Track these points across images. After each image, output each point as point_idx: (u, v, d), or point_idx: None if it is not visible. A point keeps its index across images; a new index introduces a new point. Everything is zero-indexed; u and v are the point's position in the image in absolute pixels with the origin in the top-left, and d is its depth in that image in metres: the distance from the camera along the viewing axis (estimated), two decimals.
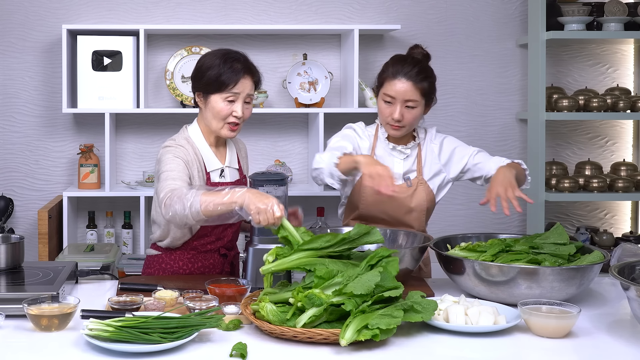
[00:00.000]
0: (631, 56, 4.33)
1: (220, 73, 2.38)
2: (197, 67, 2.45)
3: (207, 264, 2.54)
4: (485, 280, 2.09)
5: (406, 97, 2.51)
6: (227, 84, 2.39)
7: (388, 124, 2.56)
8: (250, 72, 2.43)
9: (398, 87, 2.52)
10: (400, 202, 2.60)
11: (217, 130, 2.45)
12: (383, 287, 1.88)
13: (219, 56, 2.42)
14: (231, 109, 2.41)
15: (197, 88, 2.45)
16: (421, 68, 2.55)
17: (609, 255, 2.20)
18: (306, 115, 4.20)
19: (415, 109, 2.54)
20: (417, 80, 2.52)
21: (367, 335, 1.73)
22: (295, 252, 1.96)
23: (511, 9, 4.26)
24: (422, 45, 2.66)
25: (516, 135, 4.31)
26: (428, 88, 2.55)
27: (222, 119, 2.42)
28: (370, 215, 2.65)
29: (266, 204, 2.06)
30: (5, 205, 3.93)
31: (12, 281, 2.15)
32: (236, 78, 2.39)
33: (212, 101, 2.41)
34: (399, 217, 2.63)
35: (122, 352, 1.74)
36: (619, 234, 4.28)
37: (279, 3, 4.17)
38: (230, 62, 2.40)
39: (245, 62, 2.44)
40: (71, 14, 4.08)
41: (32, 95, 4.09)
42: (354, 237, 2.00)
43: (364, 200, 2.63)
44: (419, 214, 2.63)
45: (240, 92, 2.41)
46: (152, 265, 2.56)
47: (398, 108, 2.52)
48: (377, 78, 2.62)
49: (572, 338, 1.87)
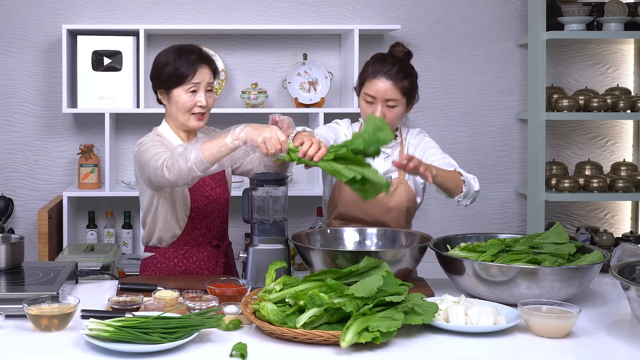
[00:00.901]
0: (631, 56, 4.33)
1: (177, 67, 2.44)
2: (155, 66, 2.50)
3: (202, 257, 2.56)
4: (485, 280, 2.09)
5: (387, 96, 2.50)
6: (186, 75, 2.44)
7: None
8: (207, 61, 2.49)
9: (378, 86, 2.50)
10: (378, 201, 2.57)
11: (185, 122, 2.49)
12: (385, 292, 1.88)
13: (172, 52, 2.48)
14: (194, 100, 2.46)
15: (158, 86, 2.50)
16: (401, 66, 2.53)
17: (609, 255, 2.20)
18: (306, 115, 4.20)
19: (397, 108, 2.53)
20: (398, 79, 2.50)
21: (368, 338, 1.74)
22: (303, 283, 1.95)
23: (511, 9, 4.26)
24: (403, 43, 2.65)
25: (516, 135, 4.31)
26: (409, 87, 2.53)
27: (187, 110, 2.47)
28: (349, 215, 2.65)
29: (269, 132, 2.12)
30: (5, 205, 3.93)
31: (12, 281, 2.14)
32: (194, 69, 2.44)
33: (175, 95, 2.46)
34: (377, 216, 2.62)
35: (122, 352, 1.74)
36: (619, 234, 4.28)
37: (279, 3, 4.17)
38: (185, 55, 2.46)
39: (200, 52, 2.50)
40: (71, 14, 4.08)
41: (32, 95, 4.09)
42: (362, 270, 2.00)
43: (342, 199, 2.63)
44: (397, 214, 2.62)
45: (200, 82, 2.46)
46: (148, 267, 2.57)
47: (379, 107, 2.51)
48: (358, 77, 2.61)
49: (572, 338, 1.87)
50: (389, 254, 2.23)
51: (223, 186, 2.60)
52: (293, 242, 2.37)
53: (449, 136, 4.26)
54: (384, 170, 2.63)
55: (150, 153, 2.35)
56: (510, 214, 4.33)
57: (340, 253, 2.21)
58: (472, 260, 2.13)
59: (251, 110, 3.91)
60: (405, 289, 1.91)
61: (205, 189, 2.52)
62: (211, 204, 2.52)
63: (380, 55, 2.59)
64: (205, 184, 2.53)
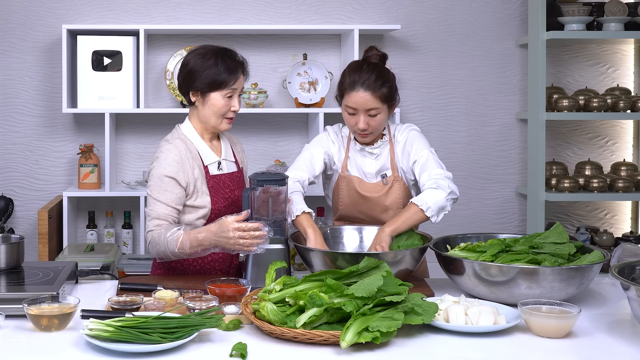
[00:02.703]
0: (631, 56, 4.33)
1: (219, 72, 2.45)
2: (190, 68, 2.48)
3: (217, 257, 2.54)
4: (485, 280, 2.09)
5: (367, 106, 2.51)
6: (227, 81, 2.45)
7: (355, 132, 2.59)
8: (243, 67, 2.52)
9: (357, 98, 2.51)
10: (375, 201, 2.63)
11: (217, 126, 2.51)
12: (385, 291, 1.88)
13: (211, 55, 2.48)
14: (229, 104, 2.48)
15: (193, 88, 2.48)
16: (377, 74, 2.52)
17: (609, 255, 2.20)
18: (306, 115, 4.20)
19: (379, 115, 2.53)
20: (376, 88, 2.50)
21: (368, 338, 1.74)
22: (303, 283, 1.95)
23: (511, 9, 4.26)
24: (377, 47, 2.63)
25: (516, 135, 4.31)
26: (387, 93, 2.53)
27: (222, 114, 2.49)
28: (349, 216, 2.70)
29: (232, 237, 2.25)
30: (5, 205, 3.93)
31: (12, 281, 2.14)
32: (235, 76, 2.47)
33: (212, 99, 2.47)
34: (376, 216, 2.65)
35: (122, 352, 1.74)
36: (619, 234, 4.28)
37: (279, 3, 4.17)
38: (227, 60, 2.47)
39: (238, 57, 2.52)
40: (71, 14, 4.08)
41: (32, 95, 4.09)
42: (362, 270, 2.00)
43: (341, 202, 2.68)
44: (395, 212, 2.63)
45: (237, 88, 2.49)
46: (161, 266, 2.56)
47: (362, 118, 2.52)
48: (337, 88, 2.61)
49: (572, 338, 1.87)
50: (389, 255, 2.23)
51: (241, 188, 2.60)
52: (293, 242, 2.37)
53: (449, 136, 4.26)
54: (376, 169, 2.64)
55: (151, 202, 2.43)
56: (510, 214, 4.33)
57: (340, 254, 2.21)
58: (472, 260, 2.13)
59: (251, 110, 3.91)
60: (405, 289, 1.91)
61: (225, 190, 2.52)
62: (230, 205, 2.52)
63: (356, 65, 2.58)
64: (225, 185, 2.53)
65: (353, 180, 2.64)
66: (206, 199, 2.46)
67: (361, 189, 2.63)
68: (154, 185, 2.43)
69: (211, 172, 2.51)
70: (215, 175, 2.51)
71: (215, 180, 2.50)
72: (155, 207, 2.41)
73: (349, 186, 2.65)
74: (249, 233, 2.23)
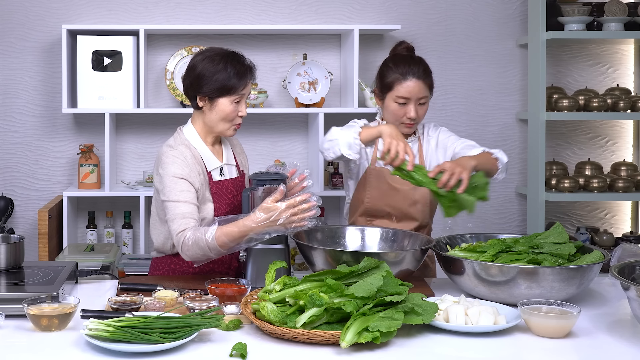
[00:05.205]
0: (631, 56, 4.33)
1: (229, 77, 2.40)
2: (198, 72, 2.42)
3: (216, 259, 2.53)
4: (485, 280, 2.09)
5: (419, 95, 2.61)
6: (237, 87, 2.41)
7: (402, 123, 2.63)
8: (251, 72, 2.48)
9: (411, 87, 2.60)
10: (404, 194, 2.66)
11: (224, 131, 2.47)
12: (385, 291, 1.88)
13: (220, 59, 2.42)
14: (237, 110, 2.45)
15: (201, 92, 2.43)
16: (424, 65, 2.66)
17: (609, 255, 2.20)
18: (306, 115, 4.20)
19: (426, 104, 2.66)
20: (425, 77, 2.63)
21: (368, 338, 1.74)
22: (303, 283, 1.95)
23: (511, 9, 4.26)
24: (406, 41, 2.79)
25: (516, 135, 4.31)
26: (432, 83, 2.67)
27: (230, 120, 2.45)
28: (375, 209, 2.70)
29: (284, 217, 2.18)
30: (5, 205, 3.93)
31: (12, 281, 2.14)
32: (244, 81, 2.43)
33: (221, 104, 2.42)
34: (404, 209, 2.68)
35: (122, 352, 1.74)
36: (619, 234, 4.28)
37: (279, 3, 4.17)
38: (236, 65, 2.42)
39: (246, 62, 2.46)
40: (71, 14, 4.08)
41: (32, 95, 4.09)
42: (362, 270, 2.00)
43: (368, 195, 2.68)
44: (423, 206, 2.68)
45: (245, 93, 2.46)
46: (160, 267, 2.55)
47: (413, 107, 2.61)
48: (382, 80, 2.66)
49: (572, 338, 1.87)
50: (390, 255, 2.23)
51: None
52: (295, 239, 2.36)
53: None
54: None
55: (171, 206, 2.35)
56: (510, 214, 4.33)
57: (342, 254, 2.21)
58: (472, 260, 2.13)
59: (251, 110, 3.91)
60: (405, 289, 1.91)
61: (228, 196, 2.51)
62: (232, 211, 2.50)
63: (402, 57, 2.68)
64: (228, 191, 2.51)
65: (384, 171, 2.65)
66: (209, 206, 2.44)
67: (392, 180, 2.64)
68: (170, 188, 2.36)
69: (214, 178, 2.49)
70: (218, 181, 2.49)
71: (218, 186, 2.48)
72: (177, 209, 2.33)
73: (379, 177, 2.67)
74: (299, 207, 2.20)
